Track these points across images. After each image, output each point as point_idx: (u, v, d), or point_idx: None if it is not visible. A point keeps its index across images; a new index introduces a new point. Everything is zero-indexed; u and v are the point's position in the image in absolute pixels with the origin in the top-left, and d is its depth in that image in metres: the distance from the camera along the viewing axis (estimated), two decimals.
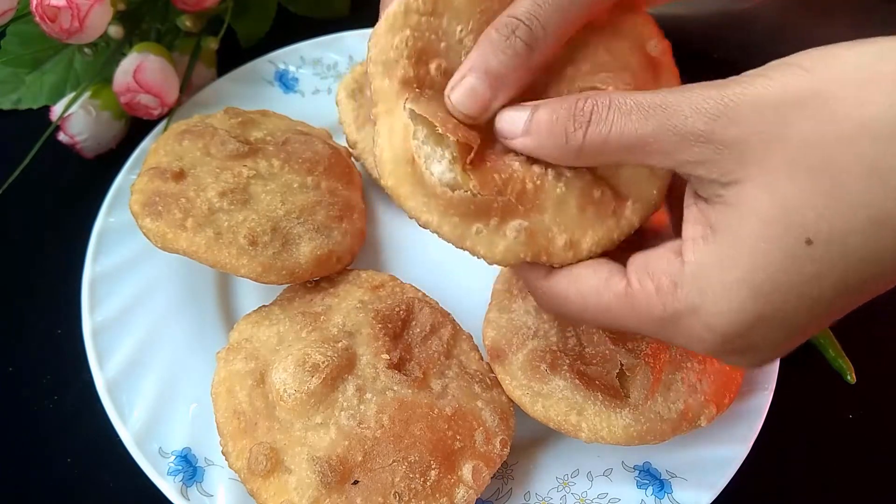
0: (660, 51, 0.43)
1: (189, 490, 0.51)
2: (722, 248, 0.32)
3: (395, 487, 0.46)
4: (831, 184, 0.29)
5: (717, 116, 0.31)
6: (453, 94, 0.38)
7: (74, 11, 0.60)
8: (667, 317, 0.34)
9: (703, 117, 0.31)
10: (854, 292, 0.32)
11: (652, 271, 0.35)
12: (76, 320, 0.58)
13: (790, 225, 0.30)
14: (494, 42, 0.37)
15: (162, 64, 0.67)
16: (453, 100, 0.38)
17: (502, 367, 0.52)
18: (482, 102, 0.37)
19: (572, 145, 0.35)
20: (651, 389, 0.49)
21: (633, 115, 0.33)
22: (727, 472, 0.52)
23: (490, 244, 0.38)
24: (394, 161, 0.38)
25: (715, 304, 0.32)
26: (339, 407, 0.48)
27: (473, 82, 0.37)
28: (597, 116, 0.34)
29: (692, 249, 0.33)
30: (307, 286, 0.57)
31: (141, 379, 0.55)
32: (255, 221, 0.53)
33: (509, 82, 0.37)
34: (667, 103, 0.32)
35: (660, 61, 0.43)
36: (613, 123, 0.34)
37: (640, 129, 0.33)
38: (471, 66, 0.37)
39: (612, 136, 0.34)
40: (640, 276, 0.35)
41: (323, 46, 0.75)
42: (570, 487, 0.53)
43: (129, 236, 0.60)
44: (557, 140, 0.35)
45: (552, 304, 0.40)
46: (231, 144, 0.57)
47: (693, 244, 0.33)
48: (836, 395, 0.61)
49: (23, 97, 0.72)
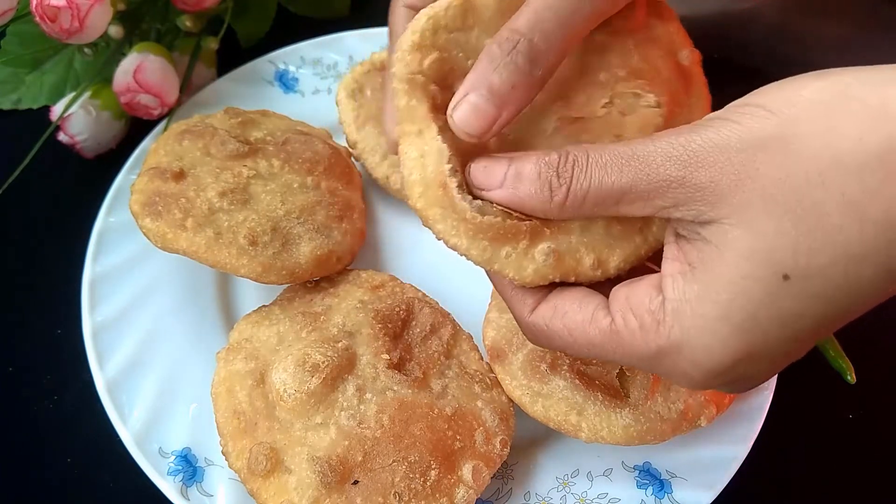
0: (691, 61, 0.43)
1: (189, 490, 0.51)
2: (701, 285, 0.32)
3: (395, 487, 0.46)
4: (805, 221, 0.30)
5: (688, 162, 0.32)
6: (456, 114, 0.37)
7: (74, 11, 0.60)
8: (651, 353, 0.35)
9: (675, 164, 0.32)
10: (835, 321, 0.32)
11: (634, 308, 0.35)
12: (76, 320, 0.58)
13: (767, 261, 0.30)
14: (496, 58, 0.36)
15: (162, 64, 0.67)
16: (456, 119, 0.37)
17: (502, 367, 0.52)
18: (487, 121, 0.37)
19: (556, 200, 0.36)
20: (651, 389, 0.49)
21: (609, 168, 0.34)
22: (727, 472, 0.52)
23: (519, 267, 0.38)
24: (424, 184, 0.38)
25: (698, 341, 0.33)
26: (339, 407, 0.48)
27: (476, 100, 0.36)
28: (578, 170, 0.35)
29: (672, 286, 0.34)
30: (307, 286, 0.57)
31: (141, 379, 0.55)
32: (255, 221, 0.53)
33: (513, 99, 0.37)
34: (639, 154, 0.34)
35: (691, 71, 0.43)
36: (593, 177, 0.34)
37: (619, 181, 0.34)
38: (472, 84, 0.37)
39: (592, 189, 0.35)
40: (624, 313, 0.35)
41: (323, 46, 0.75)
42: (570, 487, 0.53)
43: (129, 236, 0.60)
44: (542, 195, 0.36)
45: (539, 337, 0.40)
46: (231, 144, 0.57)
47: (672, 280, 0.34)
48: (836, 395, 0.61)
49: (23, 97, 0.72)
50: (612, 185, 0.34)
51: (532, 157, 0.36)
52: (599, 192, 0.35)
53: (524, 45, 0.36)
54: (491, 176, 0.37)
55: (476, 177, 0.38)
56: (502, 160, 0.37)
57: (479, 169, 0.38)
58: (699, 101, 0.43)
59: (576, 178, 0.35)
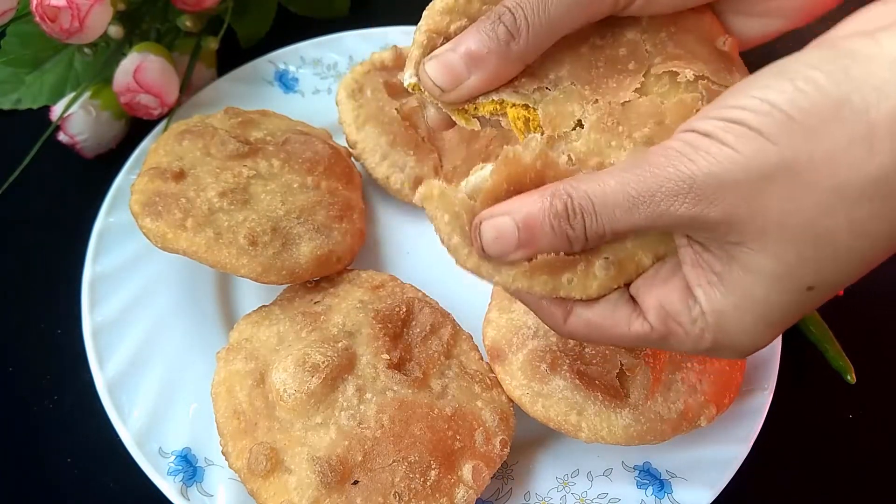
0: (729, 46, 0.42)
1: (189, 490, 0.51)
2: (736, 300, 0.35)
3: (395, 487, 0.46)
4: (821, 245, 0.32)
5: (697, 201, 0.33)
6: (428, 64, 0.39)
7: (74, 11, 0.60)
8: (697, 351, 0.38)
9: (684, 203, 0.33)
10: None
11: (674, 316, 0.37)
12: (76, 320, 0.58)
13: (792, 278, 0.33)
14: (481, 24, 0.39)
15: (162, 64, 0.67)
16: (427, 68, 0.39)
17: (502, 367, 0.52)
18: (454, 76, 0.39)
19: (577, 247, 0.37)
20: (651, 389, 0.49)
21: (618, 212, 0.35)
22: (727, 472, 0.52)
23: (584, 288, 0.38)
24: (468, 244, 0.37)
25: (739, 341, 0.36)
26: (339, 407, 0.48)
27: (450, 57, 0.39)
28: (589, 220, 0.35)
29: (705, 297, 0.35)
30: (307, 286, 0.57)
31: (141, 379, 0.55)
32: (255, 221, 0.53)
33: (485, 65, 0.39)
34: (643, 194, 0.34)
35: (731, 56, 0.43)
36: (605, 223, 0.35)
37: (632, 222, 0.35)
38: (453, 44, 0.39)
39: (609, 231, 0.36)
40: (665, 320, 0.37)
41: (323, 46, 0.75)
42: (570, 487, 0.53)
43: (129, 236, 0.60)
44: (562, 245, 0.37)
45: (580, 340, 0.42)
46: (231, 144, 0.57)
47: (704, 292, 0.35)
48: (836, 395, 0.61)
49: (23, 97, 0.72)
50: (627, 225, 0.35)
51: (536, 212, 0.36)
52: (617, 231, 0.36)
53: (508, 17, 0.38)
54: (506, 243, 0.37)
55: (493, 253, 0.37)
56: (506, 221, 0.37)
57: (491, 242, 0.37)
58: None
59: (589, 226, 0.36)
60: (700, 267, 0.36)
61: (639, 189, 0.34)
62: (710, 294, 0.35)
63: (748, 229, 0.33)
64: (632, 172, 0.34)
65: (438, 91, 0.40)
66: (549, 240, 0.36)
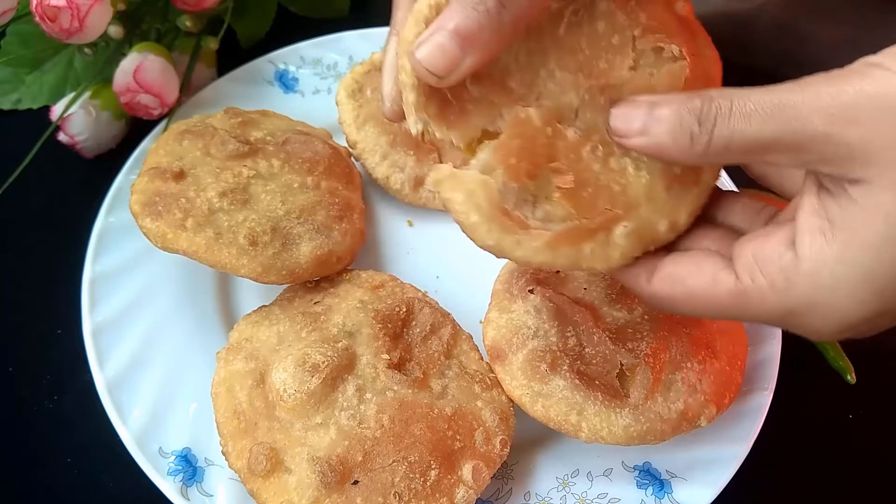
0: (686, 10, 0.42)
1: (189, 490, 0.51)
2: (844, 246, 0.32)
3: (395, 487, 0.46)
4: None
5: (837, 117, 0.31)
6: (419, 51, 0.36)
7: (74, 11, 0.60)
8: (780, 313, 0.34)
9: (823, 118, 0.31)
10: None
11: (763, 266, 0.34)
12: (76, 320, 0.58)
13: None
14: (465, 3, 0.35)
15: (162, 64, 0.67)
16: (419, 56, 0.35)
17: (502, 367, 0.52)
18: (451, 61, 0.35)
19: (696, 149, 0.34)
20: (651, 389, 0.49)
21: (753, 119, 0.33)
22: (727, 472, 0.52)
23: (605, 258, 0.38)
24: (486, 221, 0.37)
25: (835, 302, 0.33)
26: (339, 407, 0.48)
27: (442, 39, 0.35)
28: (721, 120, 0.33)
29: (809, 244, 0.33)
30: (307, 286, 0.57)
31: (141, 379, 0.55)
32: (255, 221, 0.53)
33: (480, 43, 0.35)
34: (785, 103, 0.32)
35: (689, 20, 0.42)
36: (735, 127, 0.33)
37: (762, 132, 0.33)
38: (440, 24, 0.35)
39: (734, 138, 0.33)
40: (752, 272, 0.34)
41: (323, 46, 0.75)
42: (570, 487, 0.53)
43: (129, 236, 0.60)
44: (681, 142, 0.34)
45: (660, 306, 0.39)
46: (231, 144, 0.57)
47: (810, 238, 0.33)
48: (836, 395, 0.61)
49: (23, 97, 0.72)
50: (755, 136, 0.33)
51: (673, 103, 0.35)
52: (743, 142, 0.33)
53: None
54: (629, 122, 0.36)
55: (615, 124, 0.36)
56: (641, 105, 0.36)
57: (618, 116, 0.36)
58: (706, 49, 0.42)
59: (718, 128, 0.33)
60: (817, 215, 0.33)
61: (782, 97, 0.32)
62: (814, 241, 0.33)
63: (883, 161, 0.30)
64: (784, 85, 0.33)
65: (435, 79, 0.36)
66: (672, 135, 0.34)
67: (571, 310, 0.52)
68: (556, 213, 0.38)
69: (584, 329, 0.51)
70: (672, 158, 0.36)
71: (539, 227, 0.37)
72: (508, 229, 0.37)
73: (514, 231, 0.37)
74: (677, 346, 0.51)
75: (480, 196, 0.37)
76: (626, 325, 0.51)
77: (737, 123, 0.33)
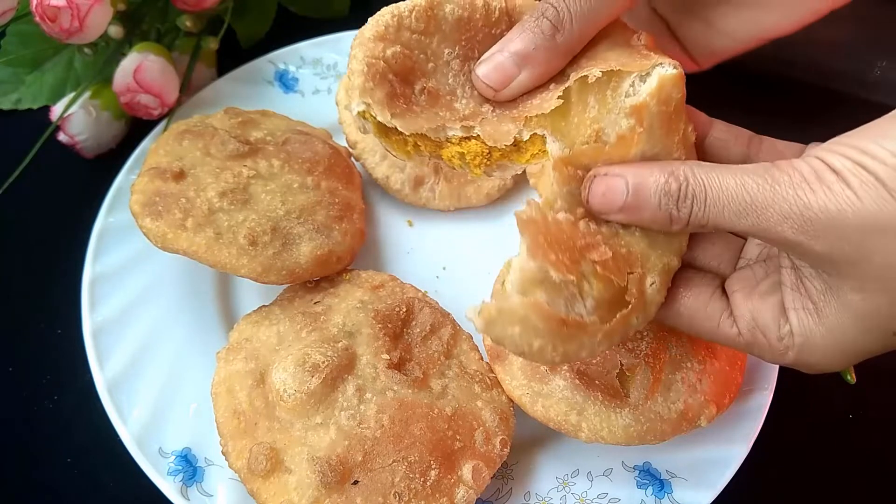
0: (645, 39, 0.43)
1: (189, 490, 0.51)
2: (826, 330, 0.37)
3: (395, 487, 0.46)
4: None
5: (804, 229, 0.34)
6: (480, 69, 0.42)
7: (74, 11, 0.60)
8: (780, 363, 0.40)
9: (792, 227, 0.34)
10: None
11: (763, 329, 0.39)
12: (76, 320, 0.58)
13: (882, 325, 0.35)
14: (525, 24, 0.41)
15: (162, 64, 0.67)
16: (479, 73, 0.42)
17: (502, 367, 0.52)
18: (505, 76, 0.41)
19: (675, 227, 0.38)
20: (651, 389, 0.49)
21: (726, 212, 0.36)
22: (727, 472, 0.52)
23: (647, 317, 0.40)
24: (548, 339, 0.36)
25: (817, 363, 0.38)
26: (339, 407, 0.48)
27: (501, 58, 0.41)
28: (697, 208, 0.37)
29: (798, 322, 0.37)
30: (307, 286, 0.57)
31: (141, 379, 0.55)
32: (255, 221, 0.53)
33: (534, 60, 0.41)
34: (757, 205, 0.35)
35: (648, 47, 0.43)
36: (710, 215, 0.37)
37: (735, 225, 0.36)
38: (500, 45, 0.41)
39: (710, 223, 0.37)
40: (752, 331, 0.39)
41: (323, 46, 0.75)
42: (570, 487, 0.53)
43: (129, 236, 0.60)
44: (661, 221, 0.38)
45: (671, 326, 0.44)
46: (231, 144, 0.57)
47: (797, 316, 0.37)
48: (836, 395, 0.61)
49: (23, 97, 0.72)
50: (730, 225, 0.36)
51: (650, 183, 0.38)
52: (718, 226, 0.37)
53: (551, 12, 0.40)
54: (611, 203, 0.39)
55: (596, 205, 0.39)
56: (619, 183, 0.38)
57: (598, 197, 0.39)
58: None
59: (694, 214, 0.37)
60: (799, 292, 0.37)
61: (754, 198, 0.35)
62: (803, 320, 0.37)
63: (850, 271, 0.34)
64: (752, 178, 0.35)
65: (491, 91, 0.42)
66: (651, 213, 0.38)
67: None
68: (602, 293, 0.38)
69: None
70: (651, 228, 0.40)
71: (594, 321, 0.38)
72: (570, 337, 0.37)
73: (575, 336, 0.37)
74: (677, 346, 0.51)
75: (535, 319, 0.36)
76: None
77: (711, 214, 0.37)
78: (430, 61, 0.44)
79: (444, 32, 0.44)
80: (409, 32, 0.43)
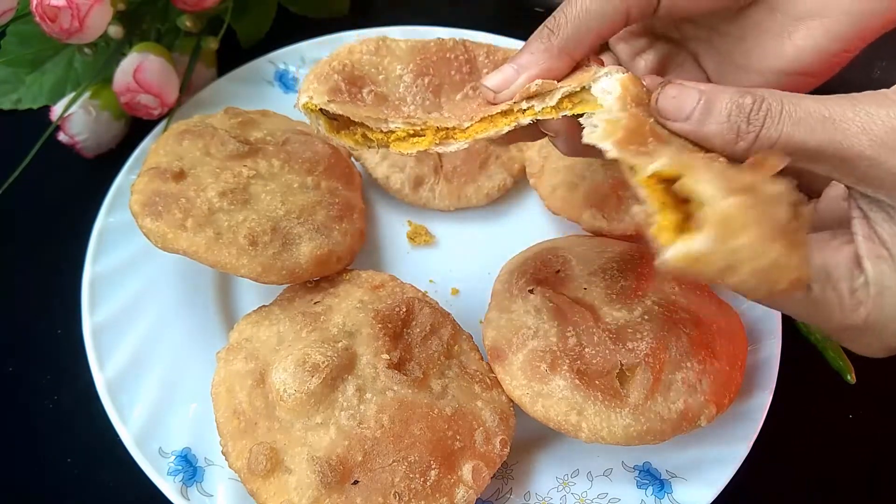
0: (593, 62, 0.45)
1: (189, 490, 0.51)
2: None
3: (395, 487, 0.46)
4: None
5: (884, 143, 0.32)
6: (488, 81, 0.44)
7: (74, 11, 0.60)
8: (844, 327, 0.36)
9: (870, 140, 0.32)
10: None
11: (835, 282, 0.36)
12: (76, 320, 0.58)
13: None
14: (529, 40, 0.43)
15: (162, 64, 0.67)
16: (486, 82, 0.44)
17: (502, 367, 0.52)
18: (505, 80, 0.43)
19: (740, 145, 0.36)
20: (651, 389, 0.49)
21: (802, 126, 0.34)
22: (727, 472, 0.52)
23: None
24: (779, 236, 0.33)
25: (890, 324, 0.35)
26: (339, 407, 0.48)
27: (506, 68, 0.44)
28: (770, 122, 0.35)
29: (872, 268, 0.35)
30: (307, 286, 0.57)
31: (141, 379, 0.55)
32: (255, 221, 0.53)
33: (532, 64, 0.43)
34: (835, 117, 0.33)
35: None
36: (783, 130, 0.34)
37: (808, 141, 0.34)
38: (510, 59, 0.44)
39: (780, 141, 0.35)
40: (824, 285, 0.36)
41: (323, 46, 0.75)
42: (570, 487, 0.53)
43: (129, 236, 0.60)
44: (727, 137, 0.36)
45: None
46: (231, 144, 0.57)
47: (873, 264, 0.35)
48: (836, 395, 0.61)
49: (23, 97, 0.72)
50: (801, 143, 0.34)
51: (724, 95, 0.36)
52: (787, 146, 0.34)
53: (550, 20, 0.42)
54: (679, 108, 0.37)
55: (664, 106, 0.37)
56: (692, 91, 0.37)
57: (668, 98, 0.37)
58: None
59: (765, 129, 0.35)
60: (872, 242, 0.35)
61: (832, 112, 0.33)
62: (878, 267, 0.35)
63: None
64: (835, 98, 0.34)
65: (492, 94, 0.44)
66: (718, 125, 0.36)
67: (571, 310, 0.52)
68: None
69: (584, 329, 0.51)
70: (713, 147, 0.37)
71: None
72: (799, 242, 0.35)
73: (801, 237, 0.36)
74: (677, 346, 0.51)
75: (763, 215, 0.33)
76: (626, 325, 0.51)
77: (785, 127, 0.34)
78: (381, 74, 0.49)
79: (396, 55, 0.50)
80: (360, 54, 0.49)
